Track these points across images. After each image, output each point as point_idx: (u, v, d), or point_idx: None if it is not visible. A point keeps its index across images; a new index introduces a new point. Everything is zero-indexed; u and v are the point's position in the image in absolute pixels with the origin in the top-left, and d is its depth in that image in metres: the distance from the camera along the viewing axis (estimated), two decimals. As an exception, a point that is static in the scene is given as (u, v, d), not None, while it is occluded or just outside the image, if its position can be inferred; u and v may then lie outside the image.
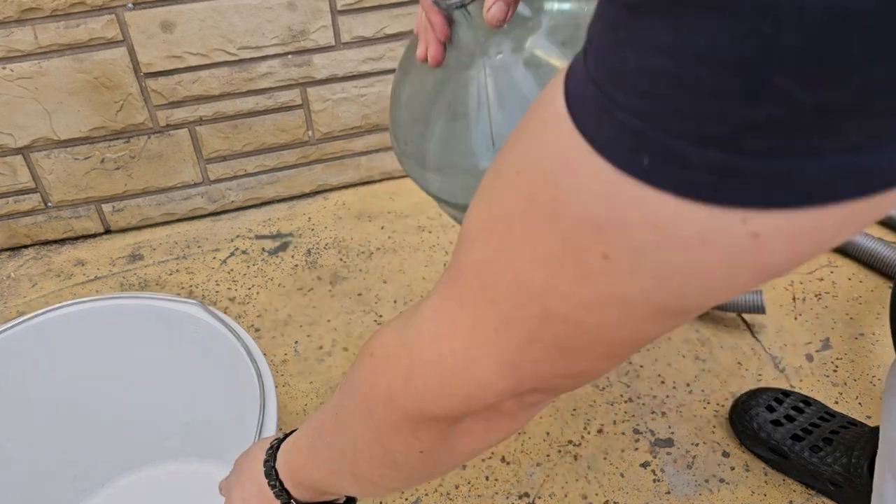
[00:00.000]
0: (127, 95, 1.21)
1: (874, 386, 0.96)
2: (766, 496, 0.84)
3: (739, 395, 0.92)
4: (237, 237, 1.32)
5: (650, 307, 0.26)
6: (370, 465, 0.39)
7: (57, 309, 0.75)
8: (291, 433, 0.49)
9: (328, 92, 1.30)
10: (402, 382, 0.34)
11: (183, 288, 1.20)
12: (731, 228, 0.22)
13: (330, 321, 1.12)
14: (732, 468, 0.87)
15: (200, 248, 1.30)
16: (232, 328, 0.71)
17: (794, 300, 1.10)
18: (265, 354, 0.71)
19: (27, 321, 0.73)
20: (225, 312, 1.14)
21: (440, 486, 0.88)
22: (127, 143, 1.26)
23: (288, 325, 1.11)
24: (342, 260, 1.24)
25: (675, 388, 0.97)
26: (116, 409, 0.80)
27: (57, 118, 1.20)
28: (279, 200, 1.41)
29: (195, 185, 1.35)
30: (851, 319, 1.06)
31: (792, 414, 0.87)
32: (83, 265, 1.28)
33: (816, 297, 1.10)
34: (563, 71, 0.26)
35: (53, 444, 0.78)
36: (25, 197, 1.28)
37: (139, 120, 1.24)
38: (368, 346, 0.38)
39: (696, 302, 0.26)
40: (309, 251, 1.27)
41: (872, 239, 1.13)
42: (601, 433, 0.92)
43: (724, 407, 0.94)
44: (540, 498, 0.86)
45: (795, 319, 1.06)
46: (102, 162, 1.27)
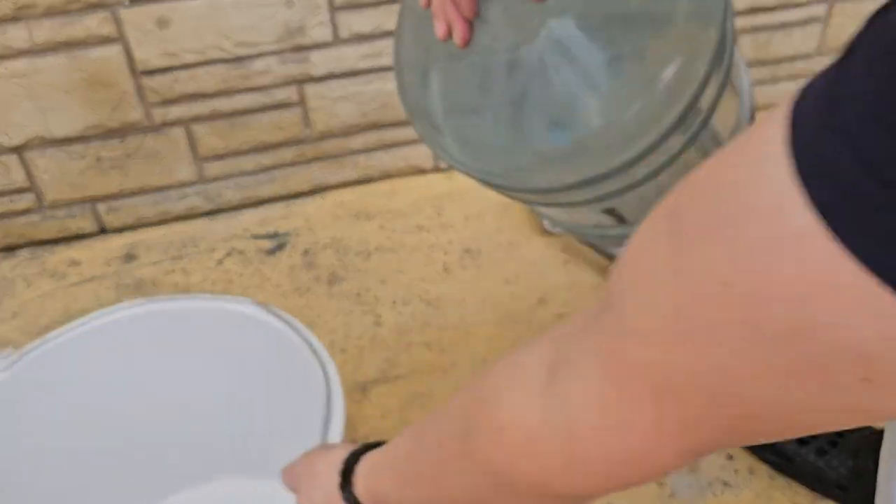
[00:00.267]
0: (122, 93, 1.20)
1: (879, 387, 0.95)
2: (770, 499, 0.83)
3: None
4: (233, 237, 1.31)
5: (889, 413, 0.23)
6: None
7: (110, 314, 0.71)
8: (365, 450, 0.47)
9: (326, 89, 1.29)
10: (559, 469, 0.32)
11: (179, 288, 1.19)
12: None
13: (328, 322, 1.11)
14: (737, 471, 0.86)
15: (196, 247, 1.29)
16: (296, 328, 0.68)
17: (797, 300, 1.09)
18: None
19: (71, 330, 0.70)
20: (221, 313, 1.13)
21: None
22: (122, 141, 1.25)
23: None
24: (340, 260, 1.23)
25: (677, 389, 0.96)
26: (165, 421, 0.77)
27: (52, 116, 1.19)
28: (276, 199, 1.40)
29: (191, 183, 1.33)
30: (855, 320, 1.05)
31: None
32: (78, 265, 1.27)
33: (820, 297, 1.09)
34: (771, 140, 0.21)
35: (110, 448, 0.75)
36: (20, 196, 1.26)
37: (135, 118, 1.23)
38: (492, 416, 0.34)
39: None
40: (306, 251, 1.26)
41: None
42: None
43: (727, 409, 0.93)
44: (541, 501, 0.85)
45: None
46: (98, 161, 1.26)
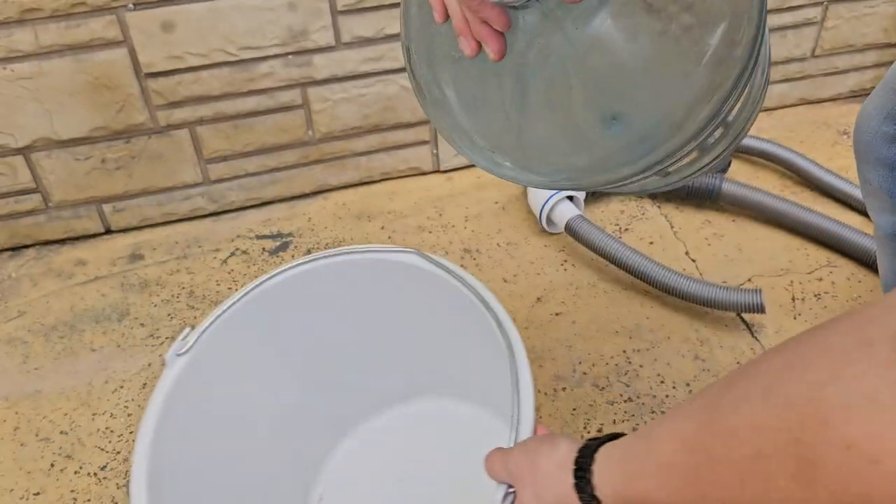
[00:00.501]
0: (127, 96, 1.21)
1: (873, 386, 0.96)
2: None
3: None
4: (238, 237, 1.32)
5: None
6: None
7: (305, 263, 0.78)
8: (597, 446, 0.45)
9: (328, 92, 1.31)
10: None
11: (184, 288, 1.20)
12: None
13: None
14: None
15: (201, 248, 1.30)
16: (465, 280, 0.71)
17: (793, 300, 1.10)
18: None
19: (262, 284, 0.77)
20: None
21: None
22: (127, 143, 1.27)
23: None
24: (342, 260, 1.25)
25: (674, 387, 0.97)
26: (364, 353, 0.85)
27: (57, 118, 1.21)
28: (279, 200, 1.41)
29: (196, 185, 1.35)
30: (851, 319, 1.06)
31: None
32: (84, 265, 1.28)
33: (816, 297, 1.10)
34: None
35: (310, 386, 0.83)
36: (26, 197, 1.28)
37: (140, 120, 1.24)
38: (863, 446, 0.30)
39: None
40: (309, 251, 1.27)
41: (871, 238, 1.13)
42: (601, 433, 0.93)
43: (723, 406, 0.94)
44: (540, 497, 0.86)
45: (795, 319, 1.07)
46: (103, 162, 1.28)
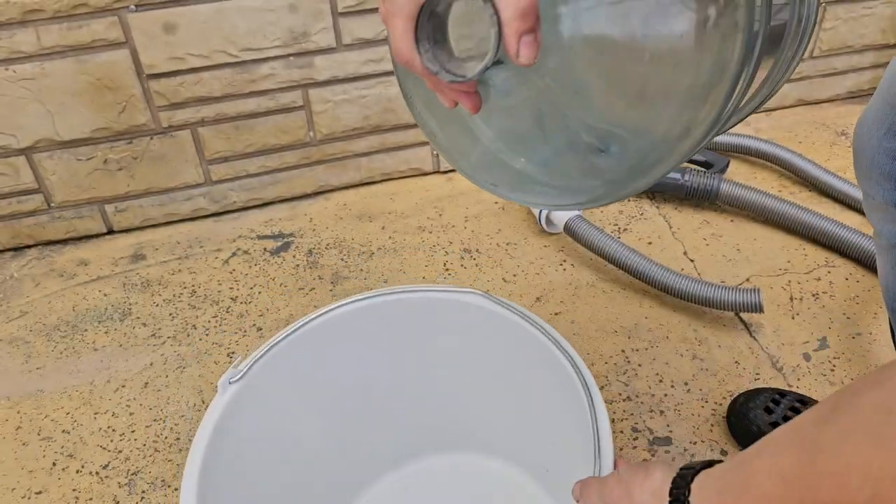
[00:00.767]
0: (129, 97, 1.22)
1: (871, 385, 0.97)
2: None
3: (736, 395, 0.92)
4: (239, 237, 1.33)
5: None
6: None
7: (353, 302, 0.79)
8: (693, 473, 0.44)
9: (329, 93, 1.31)
10: None
11: (185, 288, 1.21)
12: None
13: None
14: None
15: (203, 248, 1.31)
16: (542, 327, 0.69)
17: (791, 300, 1.10)
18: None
19: (317, 318, 0.78)
20: (227, 312, 1.15)
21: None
22: (129, 144, 1.27)
23: (290, 324, 1.12)
24: (343, 260, 1.25)
25: (673, 386, 0.98)
26: (407, 397, 0.83)
27: (60, 119, 1.21)
28: (281, 201, 1.42)
29: (197, 185, 1.36)
30: (849, 319, 1.07)
31: (790, 415, 0.87)
32: (86, 265, 1.29)
33: (814, 296, 1.11)
34: None
35: (352, 427, 0.82)
36: (28, 197, 1.28)
37: (142, 121, 1.25)
38: None
39: None
40: (310, 251, 1.28)
41: (870, 238, 1.13)
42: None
43: (721, 406, 0.95)
44: (539, 496, 0.87)
45: (793, 319, 1.07)
46: (105, 163, 1.28)
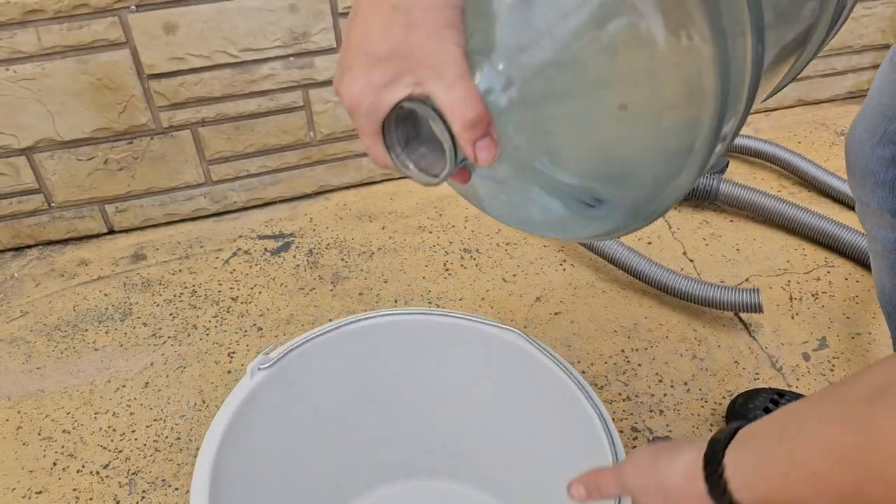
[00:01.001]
0: (130, 97, 1.22)
1: (870, 385, 0.97)
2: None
3: (735, 396, 0.92)
4: (239, 237, 1.33)
5: None
6: None
7: (366, 319, 0.75)
8: (724, 448, 0.42)
9: (329, 94, 1.31)
10: None
11: (186, 287, 1.21)
12: None
13: (331, 320, 1.13)
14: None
15: (203, 248, 1.31)
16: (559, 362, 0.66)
17: (791, 300, 1.11)
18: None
19: (357, 322, 0.74)
20: (227, 312, 1.15)
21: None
22: (130, 144, 1.27)
23: (290, 324, 1.12)
24: (343, 260, 1.25)
25: (672, 386, 0.98)
26: (414, 417, 0.80)
27: (60, 119, 1.21)
28: (281, 201, 1.42)
29: (198, 185, 1.36)
30: (848, 319, 1.07)
31: (789, 414, 0.87)
32: (86, 265, 1.29)
33: (813, 296, 1.11)
34: None
35: (354, 435, 0.79)
36: (29, 197, 1.29)
37: (142, 121, 1.25)
38: None
39: None
40: (311, 251, 1.28)
41: (869, 239, 1.14)
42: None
43: (721, 405, 0.95)
44: (539, 495, 0.87)
45: (792, 319, 1.07)
46: (106, 163, 1.28)
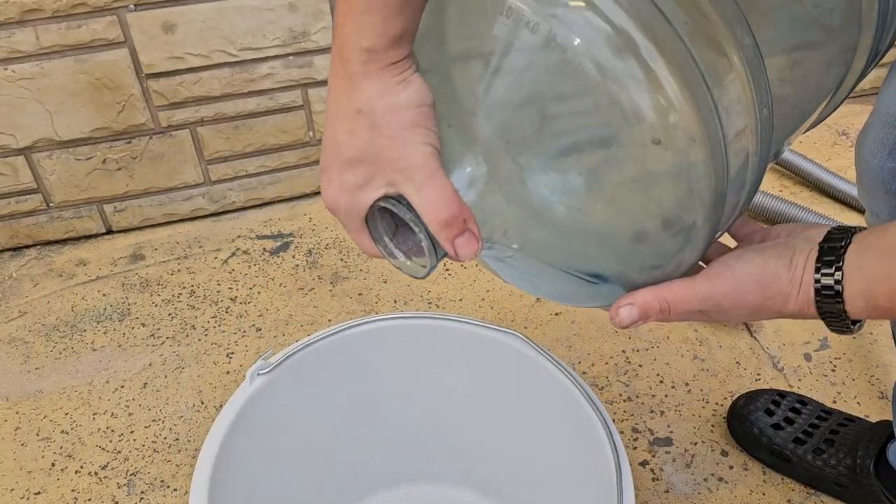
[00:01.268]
0: (128, 96, 1.22)
1: (872, 385, 0.97)
2: (764, 495, 0.85)
3: (736, 397, 0.92)
4: (238, 237, 1.33)
5: None
6: None
7: (372, 322, 0.73)
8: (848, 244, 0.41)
9: (329, 93, 1.31)
10: None
11: (185, 288, 1.21)
12: None
13: (331, 321, 1.12)
14: (731, 467, 0.88)
15: (202, 248, 1.31)
16: (565, 370, 0.66)
17: (792, 300, 1.10)
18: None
19: (358, 326, 0.72)
20: (226, 312, 1.15)
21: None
22: (128, 143, 1.27)
23: (289, 324, 1.12)
24: (343, 260, 1.25)
25: (673, 387, 0.98)
26: (416, 422, 0.79)
27: (58, 119, 1.21)
28: (280, 201, 1.42)
29: (196, 185, 1.35)
30: (850, 319, 1.06)
31: (791, 416, 0.87)
32: (85, 265, 1.28)
33: (815, 296, 1.11)
34: None
35: (356, 440, 0.78)
36: (27, 197, 1.28)
37: (141, 121, 1.25)
38: None
39: None
40: (310, 251, 1.28)
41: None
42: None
43: (722, 406, 0.94)
44: (540, 497, 0.86)
45: (792, 319, 1.07)
46: (104, 162, 1.28)
